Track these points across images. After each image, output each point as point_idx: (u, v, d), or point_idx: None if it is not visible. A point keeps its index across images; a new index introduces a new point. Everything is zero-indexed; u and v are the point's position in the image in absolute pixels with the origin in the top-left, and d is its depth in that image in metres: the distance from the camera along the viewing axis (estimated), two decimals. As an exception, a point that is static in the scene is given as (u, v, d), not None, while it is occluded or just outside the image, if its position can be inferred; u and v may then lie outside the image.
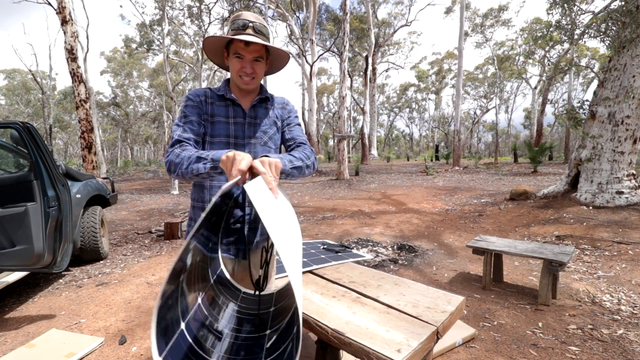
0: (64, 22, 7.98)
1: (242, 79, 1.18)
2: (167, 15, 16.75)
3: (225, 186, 0.82)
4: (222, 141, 1.21)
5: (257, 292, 1.08)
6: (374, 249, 4.24)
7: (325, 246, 2.32)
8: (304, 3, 18.69)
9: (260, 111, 1.28)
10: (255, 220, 1.25)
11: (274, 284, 1.44)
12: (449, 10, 23.75)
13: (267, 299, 1.06)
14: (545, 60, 20.74)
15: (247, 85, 1.20)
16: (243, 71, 1.16)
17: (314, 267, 1.91)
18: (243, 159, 0.88)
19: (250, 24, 1.14)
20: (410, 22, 24.86)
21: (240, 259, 1.23)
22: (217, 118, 1.22)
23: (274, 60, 1.27)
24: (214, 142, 1.21)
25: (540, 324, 2.33)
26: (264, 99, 1.30)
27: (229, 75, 1.28)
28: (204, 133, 1.21)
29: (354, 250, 2.26)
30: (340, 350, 1.52)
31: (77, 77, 8.10)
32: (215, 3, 16.87)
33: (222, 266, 1.10)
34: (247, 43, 1.13)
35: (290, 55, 1.40)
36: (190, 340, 0.76)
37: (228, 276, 1.11)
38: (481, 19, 23.31)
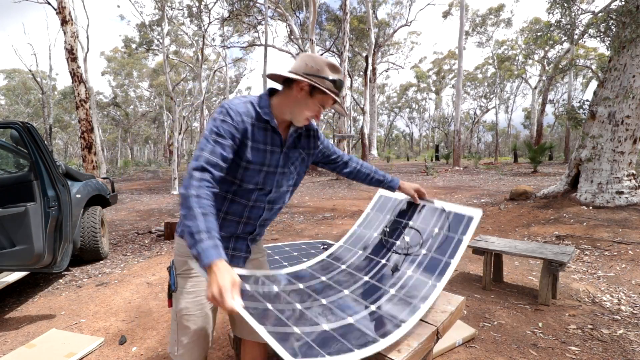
0: (64, 22, 7.98)
1: (307, 120, 1.19)
2: (166, 15, 16.75)
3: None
4: (256, 169, 1.17)
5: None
6: (374, 249, 4.24)
7: (325, 246, 2.32)
8: (303, 3, 18.69)
9: (294, 142, 1.28)
10: (259, 234, 1.34)
11: None
12: (446, 14, 23.77)
13: None
14: (545, 61, 20.75)
15: (304, 124, 1.21)
16: (316, 117, 1.19)
17: None
18: (228, 298, 0.85)
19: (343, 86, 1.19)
20: (410, 22, 24.88)
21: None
22: (256, 144, 1.15)
23: None
24: (249, 168, 1.15)
25: (540, 324, 2.33)
26: (298, 131, 1.28)
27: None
28: (239, 157, 1.13)
29: None
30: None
31: (77, 77, 8.10)
32: (215, 3, 16.87)
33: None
34: (334, 102, 1.18)
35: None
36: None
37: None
38: (481, 19, 23.30)
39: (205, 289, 1.16)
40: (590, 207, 5.22)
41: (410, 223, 1.49)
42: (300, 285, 1.27)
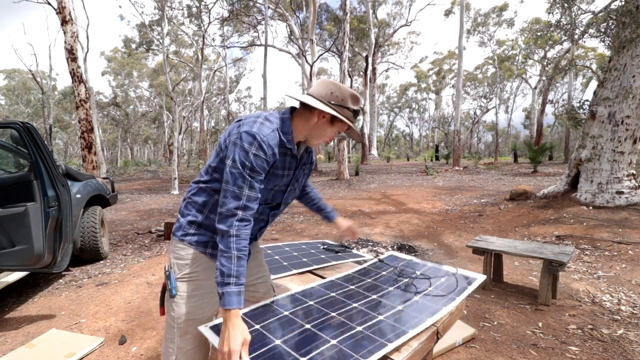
0: (64, 22, 7.98)
1: (319, 143, 1.23)
2: (166, 15, 16.75)
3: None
4: (267, 188, 1.18)
5: None
6: (374, 249, 4.24)
7: (325, 246, 2.32)
8: (303, 3, 18.69)
9: (303, 162, 1.31)
10: (256, 237, 1.37)
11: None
12: (448, 12, 23.77)
13: None
14: (545, 61, 20.75)
15: (317, 145, 1.26)
16: (330, 140, 1.23)
17: (314, 267, 1.91)
18: (230, 348, 0.93)
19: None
20: (410, 22, 24.88)
21: None
22: (275, 170, 1.16)
23: None
24: (268, 189, 1.18)
25: (540, 324, 2.33)
26: (307, 148, 1.31)
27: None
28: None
29: (354, 251, 2.26)
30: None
31: (77, 77, 8.10)
32: (215, 3, 16.88)
33: None
34: (349, 128, 1.21)
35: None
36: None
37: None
38: (483, 18, 23.29)
39: (207, 291, 1.19)
40: (590, 207, 5.22)
41: (419, 272, 1.58)
42: (311, 302, 1.30)
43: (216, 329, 1.09)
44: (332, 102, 1.13)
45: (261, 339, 1.04)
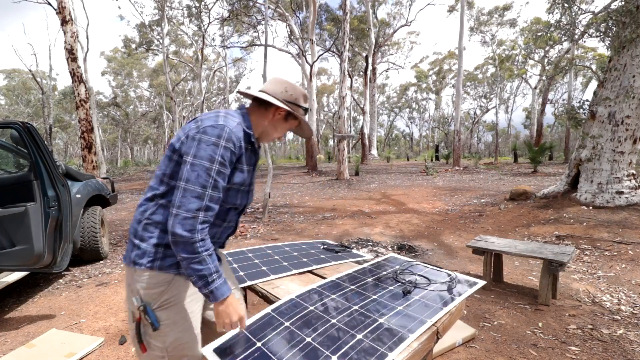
0: (64, 22, 7.98)
1: (274, 139, 1.26)
2: (166, 15, 16.75)
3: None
4: (236, 188, 1.14)
5: None
6: (374, 249, 4.24)
7: (325, 246, 2.32)
8: (303, 3, 18.69)
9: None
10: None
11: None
12: (452, 9, 23.74)
13: None
14: (545, 60, 20.76)
15: (269, 142, 1.29)
16: (280, 138, 1.27)
17: (314, 267, 1.91)
18: (238, 318, 1.07)
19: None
20: (410, 22, 24.86)
21: None
22: (242, 166, 1.13)
23: None
24: (231, 189, 1.12)
25: (540, 324, 2.33)
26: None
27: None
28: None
29: (354, 250, 2.26)
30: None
31: (77, 77, 8.10)
32: (214, 3, 16.87)
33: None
34: (299, 124, 1.27)
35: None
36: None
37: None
38: (487, 17, 23.28)
39: (191, 310, 1.13)
40: (590, 207, 5.22)
41: (418, 274, 1.59)
42: (311, 307, 1.30)
43: (220, 351, 1.08)
44: (288, 101, 1.17)
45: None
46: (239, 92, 1.24)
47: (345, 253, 2.18)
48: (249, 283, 1.70)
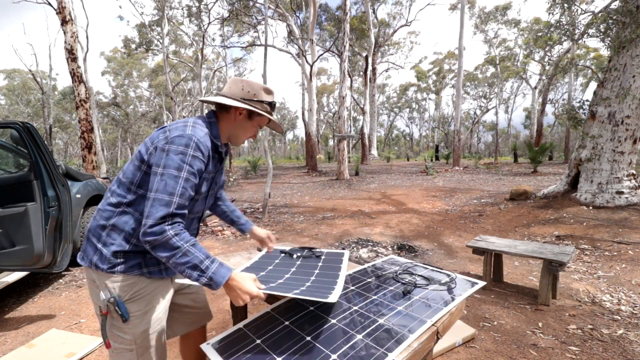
0: (64, 22, 7.98)
1: (244, 141, 1.25)
2: (166, 15, 16.75)
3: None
4: (200, 198, 1.16)
5: None
6: (374, 249, 4.24)
7: (283, 253, 1.79)
8: (303, 3, 18.68)
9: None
10: None
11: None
12: (453, 7, 23.74)
13: None
14: (546, 60, 20.76)
15: (241, 143, 1.26)
16: (253, 137, 1.24)
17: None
18: (257, 293, 1.03)
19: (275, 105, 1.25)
20: (410, 22, 24.85)
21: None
22: (207, 175, 1.14)
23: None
24: (197, 199, 1.15)
25: (540, 324, 2.33)
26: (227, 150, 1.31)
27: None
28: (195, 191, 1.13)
29: (330, 249, 1.83)
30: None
31: (77, 77, 8.09)
32: (214, 3, 16.86)
33: None
34: (269, 121, 1.25)
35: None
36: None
37: None
38: (488, 16, 23.28)
39: (159, 301, 1.17)
40: (590, 207, 5.22)
41: (418, 274, 1.58)
42: (311, 307, 1.30)
43: (219, 348, 1.08)
44: (245, 99, 1.16)
45: (260, 357, 1.03)
46: (200, 100, 1.25)
47: (308, 260, 1.67)
48: None
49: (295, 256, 1.66)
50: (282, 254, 1.72)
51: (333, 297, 1.09)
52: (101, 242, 1.08)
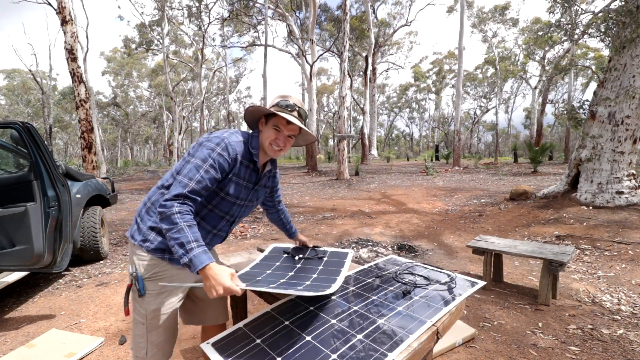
0: (64, 22, 7.98)
1: (273, 148, 1.26)
2: (166, 15, 16.75)
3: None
4: (230, 200, 1.26)
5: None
6: (374, 249, 4.24)
7: (286, 254, 1.78)
8: (303, 3, 18.69)
9: (265, 181, 1.41)
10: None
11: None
12: (451, 9, 23.75)
13: None
14: (545, 60, 20.76)
15: (275, 154, 1.29)
16: (276, 142, 1.26)
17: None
18: (234, 289, 1.03)
19: (297, 109, 1.27)
20: (410, 22, 24.85)
21: None
22: (237, 179, 1.24)
23: (300, 138, 1.39)
24: (225, 199, 1.25)
25: (540, 324, 2.33)
26: (271, 169, 1.42)
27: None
28: (220, 188, 1.22)
29: (332, 249, 1.85)
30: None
31: (77, 77, 8.10)
32: (214, 3, 16.87)
33: None
34: (289, 122, 1.25)
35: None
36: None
37: None
38: (487, 15, 23.28)
39: (176, 288, 1.25)
40: (590, 207, 5.22)
41: (418, 274, 1.59)
42: (311, 307, 1.30)
43: (219, 347, 1.08)
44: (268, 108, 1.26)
45: (260, 356, 1.03)
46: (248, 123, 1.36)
47: (311, 261, 1.63)
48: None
49: (297, 258, 1.66)
50: (285, 255, 1.73)
51: (331, 290, 1.09)
52: (140, 217, 1.25)
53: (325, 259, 1.65)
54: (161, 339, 1.26)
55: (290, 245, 1.87)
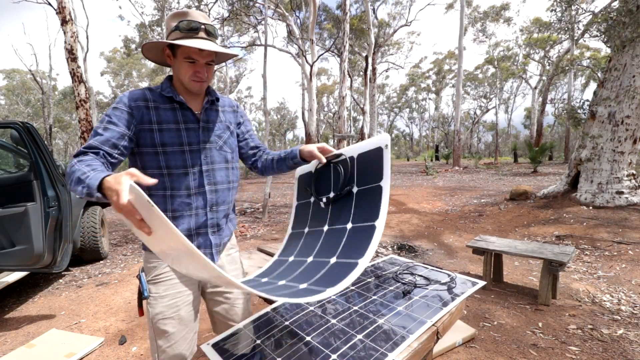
0: (64, 22, 7.98)
1: (196, 83, 1.13)
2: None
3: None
4: (175, 150, 1.13)
5: None
6: (374, 249, 4.24)
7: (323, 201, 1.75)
8: (303, 3, 18.69)
9: (212, 114, 1.23)
10: (219, 224, 1.23)
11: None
12: (449, 7, 23.72)
13: None
14: (545, 60, 20.76)
15: (201, 88, 1.16)
16: (198, 76, 1.12)
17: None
18: (123, 191, 0.73)
19: (202, 27, 1.08)
20: (410, 22, 24.81)
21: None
22: (165, 125, 1.12)
23: (218, 58, 1.20)
24: (167, 151, 1.12)
25: (540, 324, 2.33)
26: (213, 101, 1.24)
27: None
28: (151, 144, 1.10)
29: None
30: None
31: (77, 77, 8.09)
32: (214, 3, 16.86)
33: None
34: (201, 49, 1.06)
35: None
36: None
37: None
38: (485, 15, 23.28)
39: (180, 290, 1.18)
40: (590, 207, 5.22)
41: (418, 274, 1.57)
42: (311, 307, 1.30)
43: (219, 348, 1.08)
44: (166, 37, 1.12)
45: (260, 356, 1.03)
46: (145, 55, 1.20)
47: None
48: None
49: (323, 201, 1.30)
50: (312, 201, 1.37)
51: (343, 285, 0.93)
52: None
53: (355, 190, 1.20)
54: (168, 344, 1.17)
55: (308, 167, 1.42)
